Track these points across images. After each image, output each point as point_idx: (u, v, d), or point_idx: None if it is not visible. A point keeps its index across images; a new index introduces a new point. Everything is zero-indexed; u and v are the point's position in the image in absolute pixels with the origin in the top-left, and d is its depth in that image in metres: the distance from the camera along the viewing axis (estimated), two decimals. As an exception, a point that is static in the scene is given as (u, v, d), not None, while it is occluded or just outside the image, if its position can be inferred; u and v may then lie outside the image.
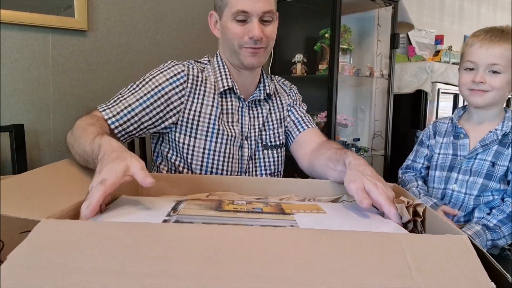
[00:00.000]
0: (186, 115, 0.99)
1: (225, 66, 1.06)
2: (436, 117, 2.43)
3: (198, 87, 1.00)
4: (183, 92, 0.98)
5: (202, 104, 1.01)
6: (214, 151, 1.01)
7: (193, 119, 0.99)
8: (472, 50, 1.00)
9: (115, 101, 0.95)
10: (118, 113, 0.93)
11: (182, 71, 0.99)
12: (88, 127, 0.81)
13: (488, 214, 1.00)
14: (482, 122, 1.06)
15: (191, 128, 1.00)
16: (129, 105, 0.94)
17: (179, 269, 0.37)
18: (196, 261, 0.38)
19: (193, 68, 1.01)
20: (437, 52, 2.66)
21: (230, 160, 1.03)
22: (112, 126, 0.92)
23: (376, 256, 0.39)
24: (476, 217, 1.02)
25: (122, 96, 0.96)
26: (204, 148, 1.00)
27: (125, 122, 0.93)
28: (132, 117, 0.94)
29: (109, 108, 0.93)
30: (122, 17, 1.78)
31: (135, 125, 0.95)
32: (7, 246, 0.47)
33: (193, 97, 0.99)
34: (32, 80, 1.59)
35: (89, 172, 0.73)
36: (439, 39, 3.00)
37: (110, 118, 0.92)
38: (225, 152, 1.02)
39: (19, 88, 1.57)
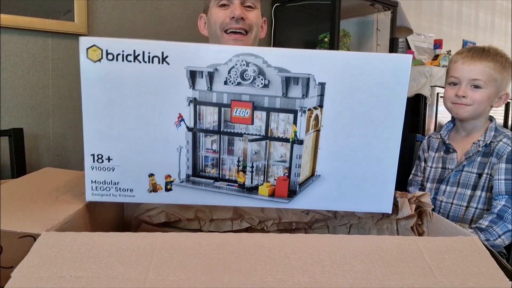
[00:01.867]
0: None
1: None
2: (436, 121, 2.43)
3: None
4: None
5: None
6: None
7: None
8: (455, 66, 1.08)
9: None
10: None
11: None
12: None
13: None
14: (469, 135, 1.12)
15: None
16: None
17: (202, 277, 0.37)
18: (219, 268, 0.38)
19: None
20: (436, 57, 2.67)
21: None
22: None
23: (397, 257, 0.40)
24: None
25: None
26: None
27: None
28: None
29: None
30: (121, 22, 1.78)
31: None
32: (6, 250, 0.46)
33: None
34: (32, 84, 1.59)
35: (70, 180, 0.73)
36: (438, 44, 3.01)
37: None
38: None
39: (18, 92, 1.57)
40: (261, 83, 0.58)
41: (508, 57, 1.06)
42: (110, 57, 0.57)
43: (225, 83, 0.58)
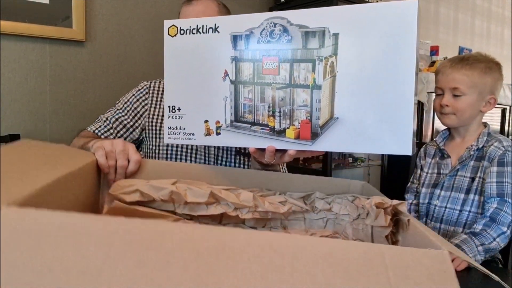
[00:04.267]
0: (151, 119, 1.11)
1: None
2: (433, 127, 2.44)
3: (159, 96, 1.14)
4: (146, 101, 1.12)
5: (164, 109, 1.06)
6: (177, 146, 1.09)
7: (156, 122, 1.11)
8: (438, 78, 1.12)
9: (96, 121, 1.12)
10: (100, 126, 1.10)
11: (145, 85, 1.15)
12: (84, 139, 0.94)
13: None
14: (463, 141, 1.13)
15: (156, 129, 1.11)
16: (107, 118, 1.11)
17: (182, 276, 0.35)
18: (177, 268, 0.36)
19: (155, 82, 1.16)
20: (432, 63, 2.69)
21: (194, 152, 1.10)
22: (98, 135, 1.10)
23: (360, 270, 0.39)
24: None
25: (103, 115, 1.13)
26: (167, 145, 1.09)
27: (105, 132, 1.09)
28: (111, 128, 1.10)
29: (93, 125, 1.11)
30: (119, 28, 1.79)
31: (114, 134, 1.10)
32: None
33: (155, 104, 1.13)
34: (29, 90, 1.59)
35: (49, 153, 0.69)
36: (434, 50, 3.02)
37: (94, 131, 1.08)
38: (187, 147, 1.10)
39: (16, 98, 1.56)
40: (286, 39, 0.69)
41: (492, 62, 1.08)
42: (182, 32, 0.78)
43: (258, 42, 0.71)
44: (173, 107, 0.79)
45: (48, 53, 1.62)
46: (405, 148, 0.65)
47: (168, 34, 0.80)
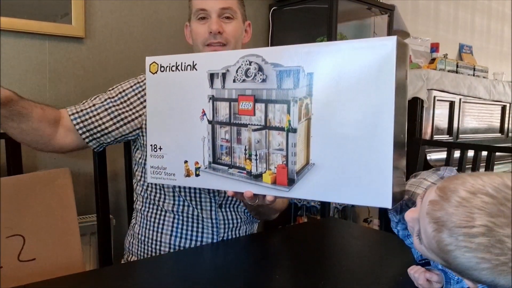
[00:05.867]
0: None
1: None
2: (432, 124, 2.44)
3: None
4: (145, 97, 1.00)
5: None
6: None
7: None
8: None
9: (82, 102, 1.04)
10: (81, 110, 1.00)
11: (145, 78, 1.04)
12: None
13: None
14: None
15: None
16: (94, 104, 1.02)
17: None
18: None
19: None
20: (432, 60, 2.68)
21: None
22: (74, 122, 0.99)
23: None
24: None
25: (89, 99, 1.04)
26: None
27: (86, 120, 1.00)
28: (94, 115, 1.00)
29: (74, 106, 1.02)
30: (119, 25, 1.78)
31: (96, 124, 1.00)
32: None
33: None
34: (29, 87, 1.59)
35: None
36: (434, 47, 3.02)
37: (73, 114, 0.99)
38: None
39: (15, 95, 1.56)
40: (261, 78, 0.67)
41: None
42: (162, 69, 0.76)
43: (234, 81, 0.69)
44: (155, 146, 0.77)
45: (47, 50, 1.62)
46: (385, 200, 0.59)
47: (150, 71, 0.78)
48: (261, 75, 0.67)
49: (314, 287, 0.74)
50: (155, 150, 0.77)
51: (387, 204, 0.60)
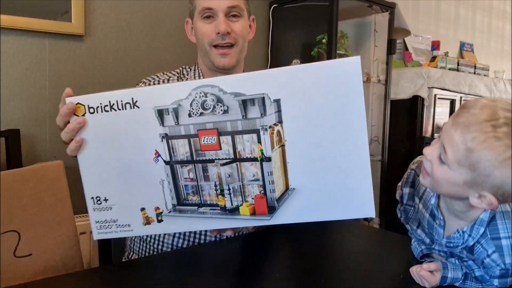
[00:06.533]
0: None
1: (201, 72, 1.08)
2: (433, 122, 2.43)
3: None
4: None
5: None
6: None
7: None
8: None
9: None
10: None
11: (143, 82, 1.06)
12: None
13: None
14: (451, 213, 0.73)
15: None
16: None
17: None
18: None
19: (153, 79, 1.07)
20: (433, 58, 2.68)
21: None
22: None
23: None
24: None
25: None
26: None
27: None
28: None
29: None
30: (119, 23, 1.78)
31: None
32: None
33: None
34: (29, 85, 1.58)
35: None
36: (435, 45, 3.01)
37: None
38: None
39: (15, 93, 1.56)
40: (221, 110, 0.62)
41: None
42: (91, 110, 0.66)
43: (189, 115, 0.63)
44: (98, 198, 0.68)
45: (47, 48, 1.61)
46: (368, 210, 0.62)
47: (75, 114, 0.68)
48: (221, 106, 0.62)
49: (314, 285, 0.74)
50: (99, 202, 0.68)
51: (371, 213, 0.62)
